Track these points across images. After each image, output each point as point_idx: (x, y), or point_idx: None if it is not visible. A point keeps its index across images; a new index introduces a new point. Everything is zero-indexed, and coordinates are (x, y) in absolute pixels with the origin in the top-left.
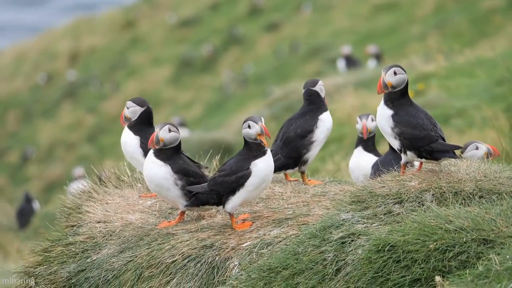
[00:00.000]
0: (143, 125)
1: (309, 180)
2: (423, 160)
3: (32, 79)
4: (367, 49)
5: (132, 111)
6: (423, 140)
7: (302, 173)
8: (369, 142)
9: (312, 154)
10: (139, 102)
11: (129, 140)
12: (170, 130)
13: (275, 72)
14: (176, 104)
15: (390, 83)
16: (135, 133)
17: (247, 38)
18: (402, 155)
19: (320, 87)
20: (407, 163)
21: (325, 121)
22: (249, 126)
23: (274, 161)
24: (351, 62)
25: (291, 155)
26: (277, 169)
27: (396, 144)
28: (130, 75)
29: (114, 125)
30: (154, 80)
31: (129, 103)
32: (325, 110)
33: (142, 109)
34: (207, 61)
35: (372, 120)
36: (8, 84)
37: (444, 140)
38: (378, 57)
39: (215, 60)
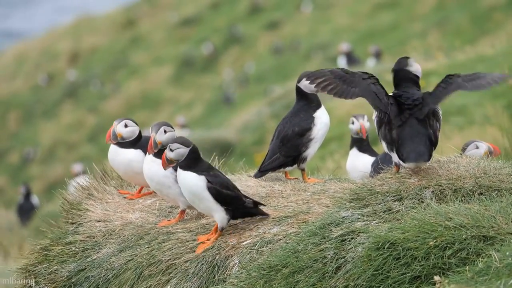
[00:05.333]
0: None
1: (308, 179)
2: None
3: (33, 79)
4: (370, 49)
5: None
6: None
7: (302, 170)
8: (363, 142)
9: (311, 151)
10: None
11: (135, 156)
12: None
13: (276, 71)
14: (177, 103)
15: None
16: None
17: (248, 37)
18: (392, 155)
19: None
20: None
21: (321, 117)
22: None
23: (273, 160)
24: (351, 59)
25: (290, 153)
26: (277, 167)
27: (384, 145)
28: (131, 75)
29: None
30: (155, 79)
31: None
32: (319, 106)
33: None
34: (208, 61)
35: (367, 120)
36: (9, 84)
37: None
38: (378, 55)
39: (216, 59)
